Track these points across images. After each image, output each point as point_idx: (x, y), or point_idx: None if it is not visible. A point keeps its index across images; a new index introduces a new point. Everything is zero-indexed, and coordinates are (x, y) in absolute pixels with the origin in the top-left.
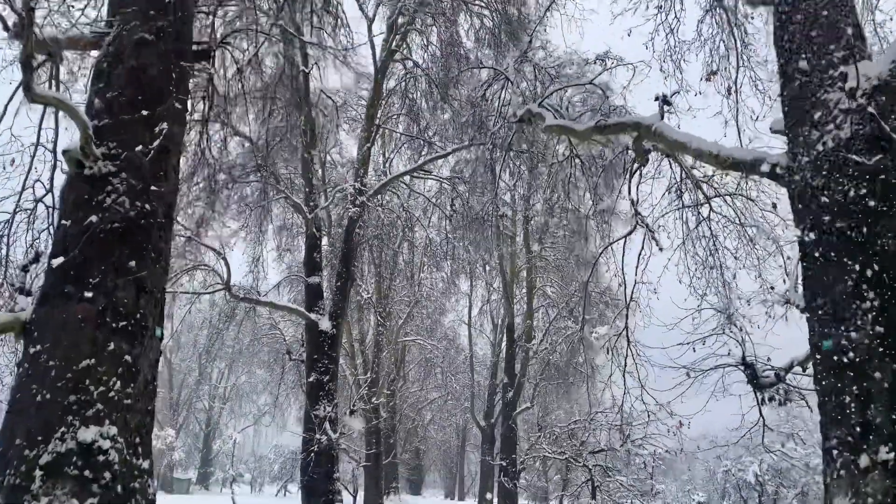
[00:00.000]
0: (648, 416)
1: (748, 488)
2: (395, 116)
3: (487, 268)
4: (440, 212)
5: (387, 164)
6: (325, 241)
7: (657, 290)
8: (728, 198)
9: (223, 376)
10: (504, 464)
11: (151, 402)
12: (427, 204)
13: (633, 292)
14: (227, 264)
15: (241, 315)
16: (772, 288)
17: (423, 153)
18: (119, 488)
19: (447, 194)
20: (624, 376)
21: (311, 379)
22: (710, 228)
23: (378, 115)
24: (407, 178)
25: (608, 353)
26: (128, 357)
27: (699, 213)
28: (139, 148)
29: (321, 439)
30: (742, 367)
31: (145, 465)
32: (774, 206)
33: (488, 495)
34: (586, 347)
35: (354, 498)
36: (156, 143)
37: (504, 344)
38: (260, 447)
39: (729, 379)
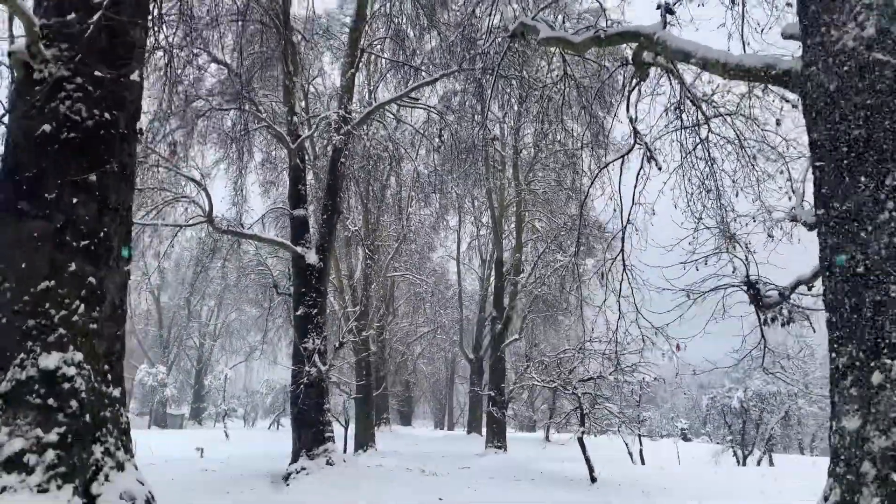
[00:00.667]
0: (644, 340)
1: (733, 415)
2: (380, 41)
3: (476, 202)
4: (428, 143)
5: (372, 95)
6: (310, 175)
7: (654, 211)
8: (728, 118)
9: (213, 314)
10: (493, 394)
11: (121, 328)
12: (414, 136)
13: (629, 214)
14: (208, 196)
15: (225, 249)
16: (769, 212)
17: (410, 82)
18: (87, 417)
19: (435, 125)
20: (619, 301)
21: (298, 313)
22: (707, 151)
23: (362, 41)
24: (394, 107)
25: (602, 278)
26: (92, 279)
27: (697, 133)
28: (72, 16)
29: (310, 372)
30: (745, 287)
31: (116, 392)
32: (779, 122)
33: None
34: (579, 274)
35: (346, 429)
36: (96, 16)
37: (492, 278)
38: (252, 382)
39: (730, 300)
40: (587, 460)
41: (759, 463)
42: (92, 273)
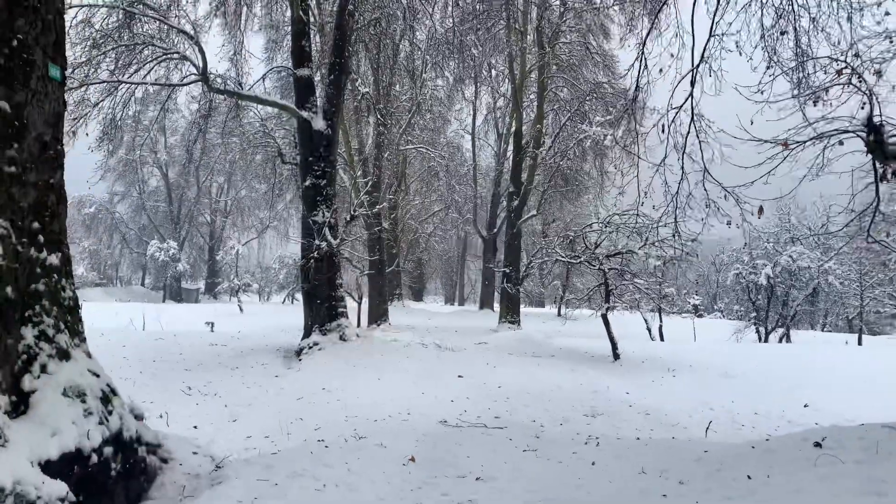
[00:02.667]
0: (708, 205)
1: (758, 291)
2: None
3: (493, 72)
4: None
5: None
6: (318, 39)
7: (737, 45)
8: None
9: (222, 190)
10: (508, 271)
11: (54, 174)
12: None
13: (703, 50)
14: (201, 50)
15: (222, 115)
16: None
17: None
18: (9, 291)
19: None
20: (682, 158)
21: (306, 184)
22: None
23: None
24: None
25: (663, 131)
26: (3, 104)
27: None
28: None
29: (320, 245)
30: (864, 132)
31: (54, 259)
32: None
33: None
34: (638, 121)
35: (359, 304)
36: None
37: (509, 152)
38: (265, 258)
39: (832, 153)
40: (611, 337)
41: (780, 340)
42: (3, 96)
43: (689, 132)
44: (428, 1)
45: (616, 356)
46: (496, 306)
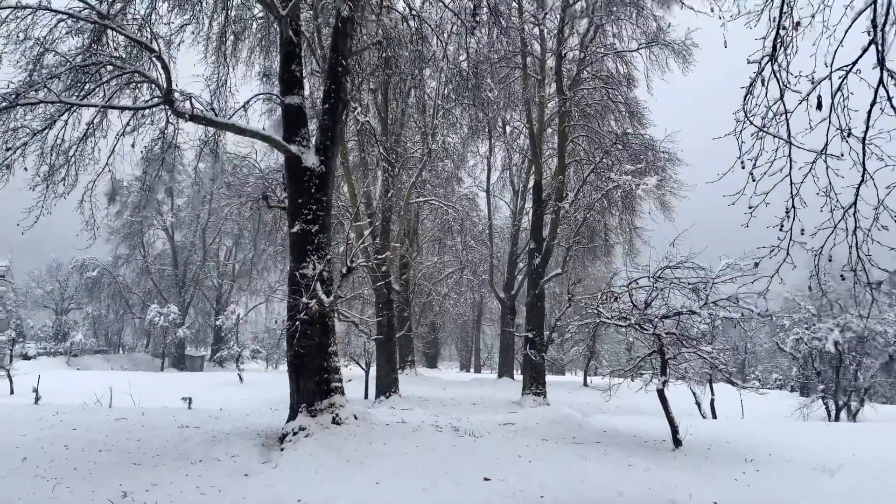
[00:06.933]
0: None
1: (822, 360)
2: None
3: (508, 128)
4: (459, 27)
5: None
6: (314, 64)
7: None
8: None
9: (231, 254)
10: (531, 335)
11: None
12: (443, 14)
13: None
14: (165, 68)
15: (227, 175)
16: None
17: None
18: None
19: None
20: (863, 147)
21: (294, 230)
22: None
23: None
24: None
25: (819, 107)
26: None
27: None
28: None
29: (309, 304)
30: None
31: None
32: None
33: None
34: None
35: (367, 372)
36: None
37: (529, 208)
38: (272, 322)
39: None
40: (670, 419)
41: (854, 417)
42: None
43: (873, 103)
44: (440, 28)
45: (677, 442)
46: (516, 375)
